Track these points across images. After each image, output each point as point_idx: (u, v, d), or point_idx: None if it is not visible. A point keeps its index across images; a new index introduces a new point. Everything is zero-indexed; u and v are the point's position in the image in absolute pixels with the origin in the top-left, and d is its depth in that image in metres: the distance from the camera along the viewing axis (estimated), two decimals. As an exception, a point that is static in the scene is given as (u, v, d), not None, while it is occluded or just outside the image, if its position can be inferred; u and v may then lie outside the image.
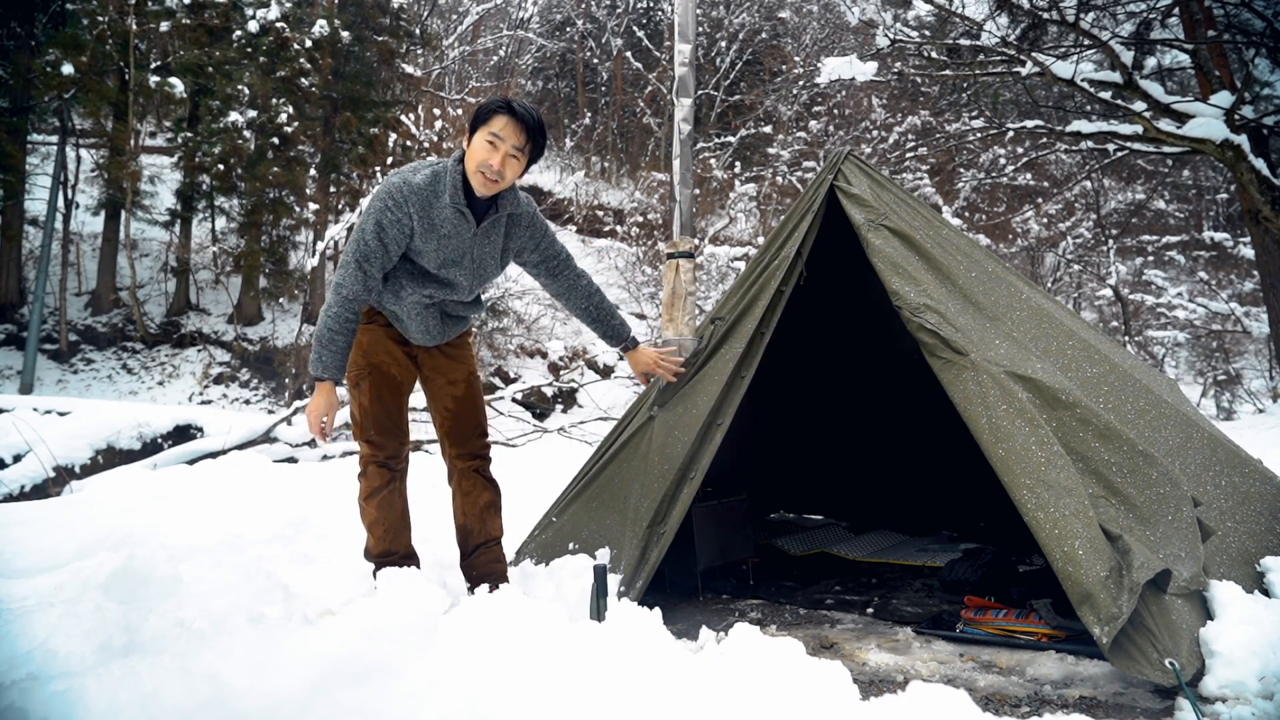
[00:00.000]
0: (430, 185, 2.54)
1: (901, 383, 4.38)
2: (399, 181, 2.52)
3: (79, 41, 15.18)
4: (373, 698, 1.73)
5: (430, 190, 2.53)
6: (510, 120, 2.51)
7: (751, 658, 1.87)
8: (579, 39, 28.79)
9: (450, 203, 2.54)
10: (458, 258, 2.61)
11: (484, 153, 2.51)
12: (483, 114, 2.54)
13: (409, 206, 2.50)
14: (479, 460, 2.88)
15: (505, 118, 2.51)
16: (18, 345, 16.17)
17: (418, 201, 2.51)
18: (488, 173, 2.51)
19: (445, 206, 2.54)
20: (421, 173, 2.55)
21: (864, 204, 3.08)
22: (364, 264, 2.51)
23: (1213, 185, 18.72)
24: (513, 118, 2.51)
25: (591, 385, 16.65)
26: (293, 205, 17.49)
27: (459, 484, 2.87)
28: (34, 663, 1.79)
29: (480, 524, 2.85)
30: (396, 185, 2.51)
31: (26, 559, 3.33)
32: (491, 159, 2.50)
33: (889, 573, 3.85)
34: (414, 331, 2.73)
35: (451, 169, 2.57)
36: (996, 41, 8.41)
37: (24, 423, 6.44)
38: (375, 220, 2.49)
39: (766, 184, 18.01)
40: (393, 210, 2.49)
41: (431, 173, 2.56)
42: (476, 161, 2.52)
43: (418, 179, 2.53)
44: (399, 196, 2.49)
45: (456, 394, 2.84)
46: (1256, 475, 3.05)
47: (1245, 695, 2.10)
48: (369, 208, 2.52)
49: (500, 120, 2.51)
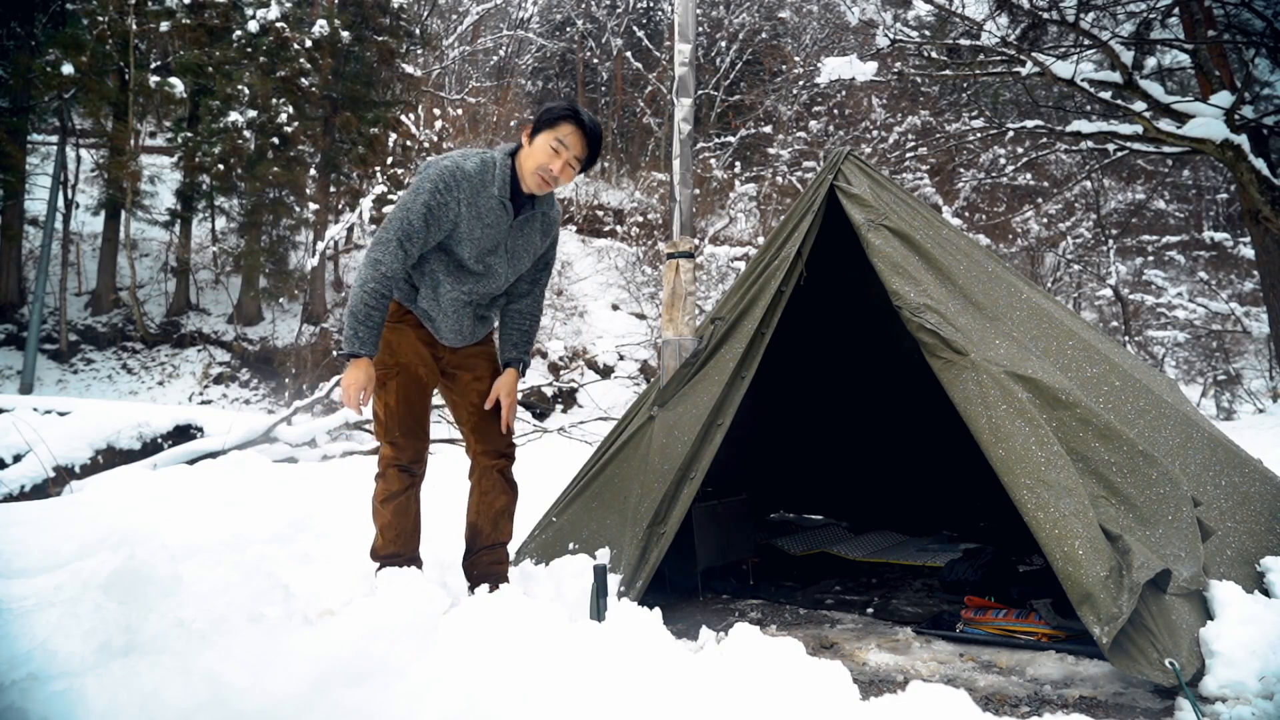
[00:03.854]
0: (480, 174, 2.55)
1: (901, 383, 4.38)
2: (451, 166, 2.53)
3: (79, 41, 15.17)
4: (373, 698, 1.73)
5: (479, 179, 2.55)
6: (577, 130, 2.56)
7: (751, 658, 1.87)
8: (579, 39, 28.78)
9: (498, 194, 2.57)
10: (493, 246, 2.63)
11: (546, 156, 2.55)
12: (551, 118, 2.57)
13: (459, 192, 2.52)
14: (503, 460, 2.84)
15: (572, 126, 2.56)
16: (18, 345, 16.17)
17: (469, 188, 2.53)
18: (546, 176, 2.56)
19: (492, 197, 2.57)
20: (471, 160, 2.57)
21: (864, 204, 3.08)
22: (405, 242, 2.49)
23: (1213, 185, 18.72)
24: (580, 128, 2.56)
25: (591, 385, 16.65)
26: (293, 205, 17.49)
27: (479, 481, 2.84)
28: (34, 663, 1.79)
29: (492, 527, 2.83)
30: (450, 170, 2.52)
31: (26, 559, 3.33)
32: (553, 164, 2.56)
33: (889, 573, 3.85)
34: (446, 331, 2.71)
35: (501, 161, 2.59)
36: (996, 41, 8.41)
37: (24, 423, 6.44)
38: (424, 202, 2.49)
39: (766, 184, 18.00)
40: (443, 193, 2.50)
41: (481, 161, 2.58)
42: (536, 163, 2.56)
43: (468, 165, 2.54)
44: (450, 181, 2.50)
45: (483, 389, 2.80)
46: (1256, 475, 3.05)
47: (1245, 695, 2.10)
48: (417, 187, 2.51)
49: (568, 128, 2.55)
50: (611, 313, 20.79)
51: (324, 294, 18.83)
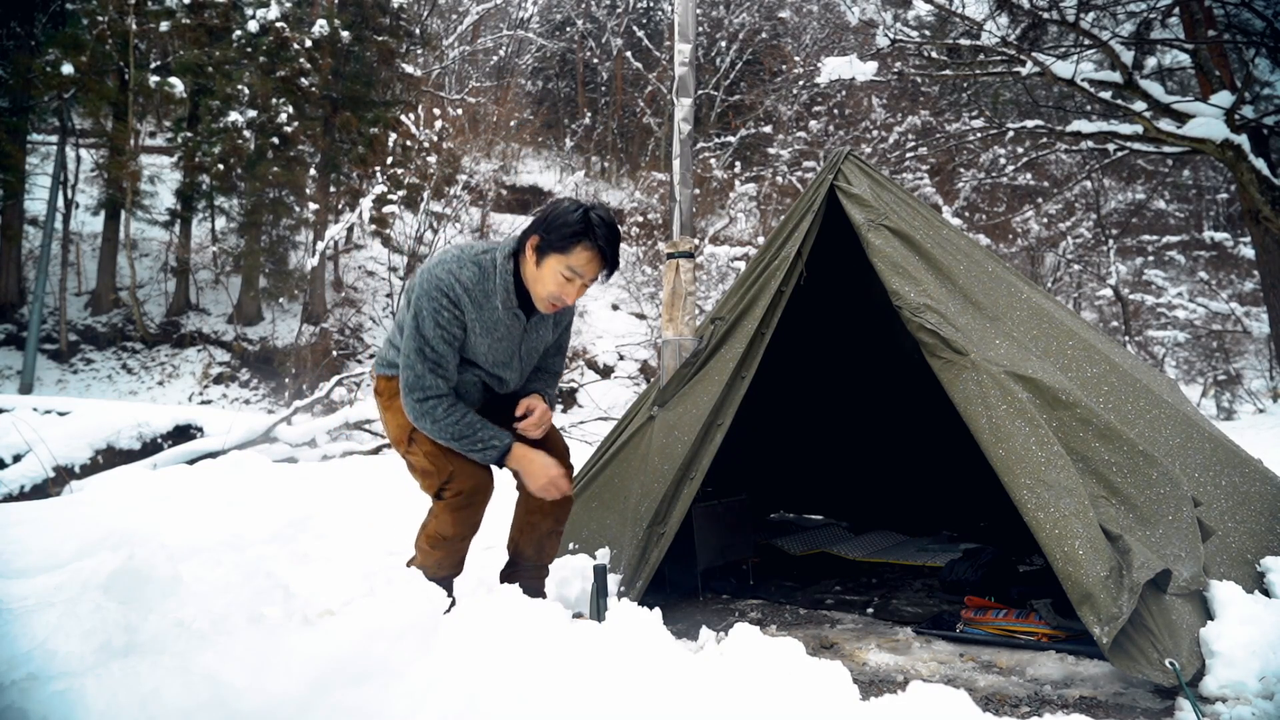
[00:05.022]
0: (479, 284, 2.34)
1: (901, 383, 4.38)
2: (447, 279, 2.30)
3: (79, 41, 15.17)
4: (373, 698, 1.73)
5: (480, 289, 2.34)
6: (593, 255, 2.29)
7: (751, 658, 1.87)
8: (579, 39, 28.78)
9: (503, 307, 2.37)
10: (507, 359, 2.46)
11: (557, 286, 2.31)
12: (563, 240, 2.28)
13: (463, 306, 2.32)
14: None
15: (589, 253, 2.29)
16: (18, 345, 16.17)
17: (470, 301, 2.33)
18: (557, 303, 2.36)
19: (496, 309, 2.37)
20: (467, 267, 2.33)
21: (864, 204, 3.08)
22: (438, 370, 2.31)
23: (1213, 185, 18.72)
24: (596, 253, 2.29)
25: (591, 385, 16.67)
26: (293, 205, 17.50)
27: (525, 498, 2.63)
28: (34, 663, 1.79)
29: (536, 551, 2.66)
30: (447, 284, 2.30)
31: (26, 559, 3.33)
32: (565, 293, 2.32)
33: (889, 573, 3.85)
34: (470, 401, 2.51)
35: (501, 267, 2.36)
36: (996, 41, 8.41)
37: (24, 423, 6.44)
38: (433, 322, 2.29)
39: (766, 184, 18.00)
40: (448, 309, 2.30)
41: (477, 268, 2.35)
42: (548, 292, 2.32)
43: (465, 275, 2.32)
44: (452, 295, 2.30)
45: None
46: (1256, 475, 3.05)
47: (1245, 695, 2.10)
48: (421, 307, 2.30)
49: (583, 255, 2.28)
50: (611, 313, 20.80)
51: (324, 294, 18.83)
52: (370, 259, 20.92)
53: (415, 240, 16.78)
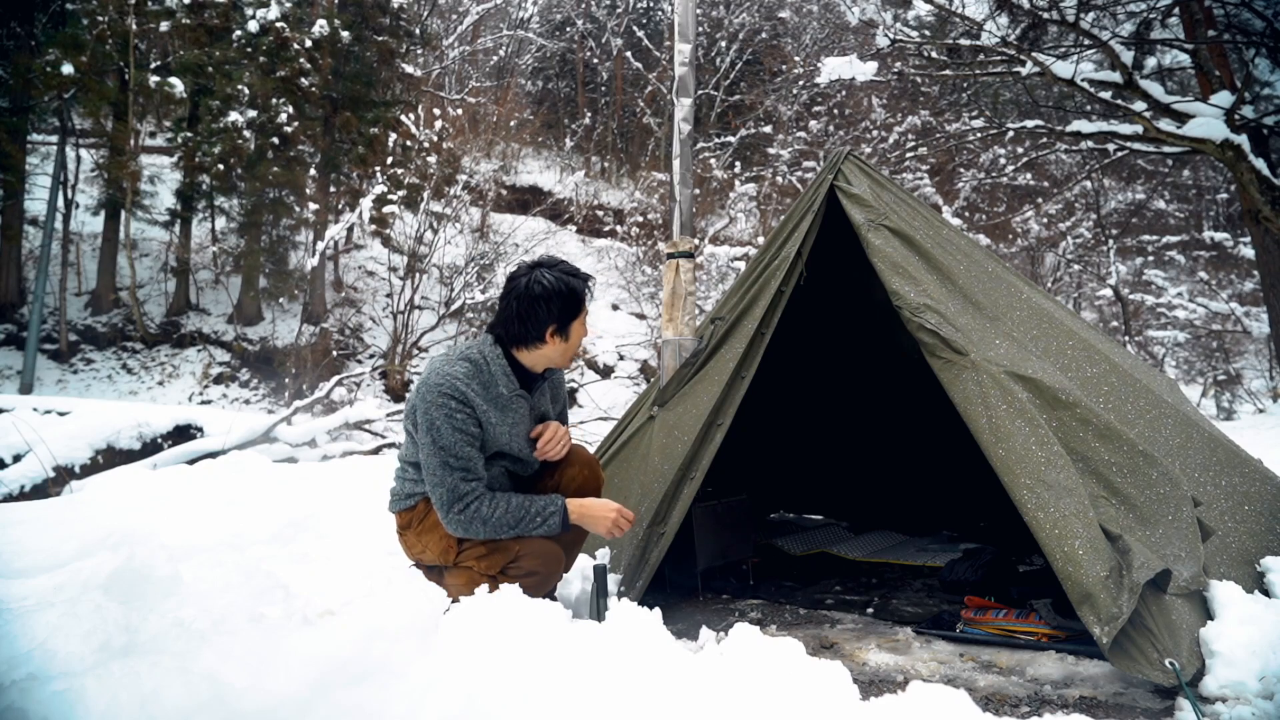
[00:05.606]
0: (476, 375, 2.38)
1: (901, 383, 4.38)
2: (447, 382, 2.33)
3: (79, 41, 15.17)
4: (373, 698, 1.73)
5: (479, 380, 2.38)
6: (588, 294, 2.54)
7: (751, 658, 1.87)
8: (579, 39, 28.78)
9: (507, 391, 2.43)
10: (522, 443, 2.52)
11: (579, 337, 2.53)
12: (578, 305, 2.48)
13: (472, 401, 2.35)
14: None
15: (589, 298, 2.55)
16: (18, 345, 16.17)
17: (475, 394, 2.36)
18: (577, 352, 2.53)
19: (502, 393, 2.42)
20: (458, 365, 2.37)
21: (864, 204, 3.09)
22: (468, 475, 2.32)
23: (1213, 185, 18.70)
24: (588, 291, 2.54)
25: (591, 385, 16.67)
26: (293, 205, 17.50)
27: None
28: (34, 663, 1.78)
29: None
30: (449, 386, 2.32)
31: (26, 559, 3.33)
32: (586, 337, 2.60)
33: (889, 573, 3.85)
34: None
35: (490, 354, 2.42)
36: (996, 41, 8.42)
37: (24, 423, 6.44)
38: (449, 427, 2.30)
39: (766, 184, 18.01)
40: (460, 410, 2.32)
41: (469, 363, 2.39)
42: (579, 346, 2.57)
43: (460, 371, 2.36)
44: (458, 395, 2.32)
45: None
46: (1256, 475, 3.05)
47: (1245, 695, 2.10)
48: (433, 419, 2.30)
49: (587, 304, 2.54)
50: (611, 313, 20.79)
51: (324, 294, 18.83)
52: (370, 259, 20.93)
53: (415, 240, 16.77)
